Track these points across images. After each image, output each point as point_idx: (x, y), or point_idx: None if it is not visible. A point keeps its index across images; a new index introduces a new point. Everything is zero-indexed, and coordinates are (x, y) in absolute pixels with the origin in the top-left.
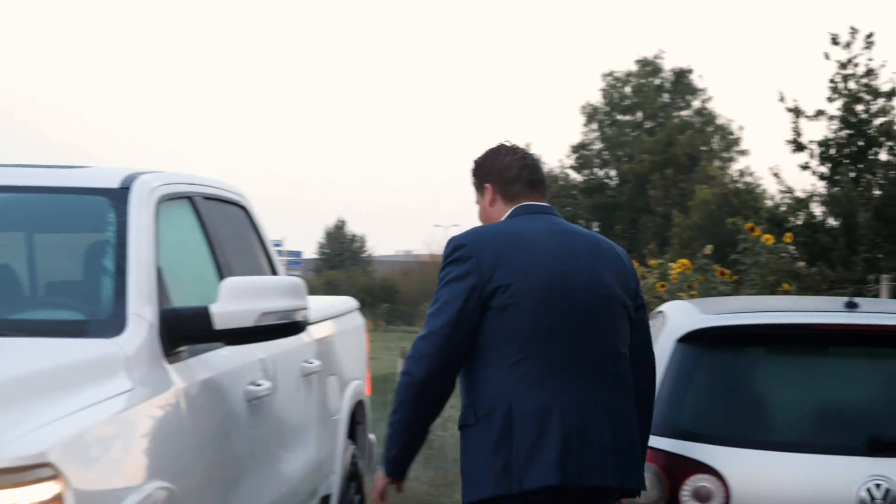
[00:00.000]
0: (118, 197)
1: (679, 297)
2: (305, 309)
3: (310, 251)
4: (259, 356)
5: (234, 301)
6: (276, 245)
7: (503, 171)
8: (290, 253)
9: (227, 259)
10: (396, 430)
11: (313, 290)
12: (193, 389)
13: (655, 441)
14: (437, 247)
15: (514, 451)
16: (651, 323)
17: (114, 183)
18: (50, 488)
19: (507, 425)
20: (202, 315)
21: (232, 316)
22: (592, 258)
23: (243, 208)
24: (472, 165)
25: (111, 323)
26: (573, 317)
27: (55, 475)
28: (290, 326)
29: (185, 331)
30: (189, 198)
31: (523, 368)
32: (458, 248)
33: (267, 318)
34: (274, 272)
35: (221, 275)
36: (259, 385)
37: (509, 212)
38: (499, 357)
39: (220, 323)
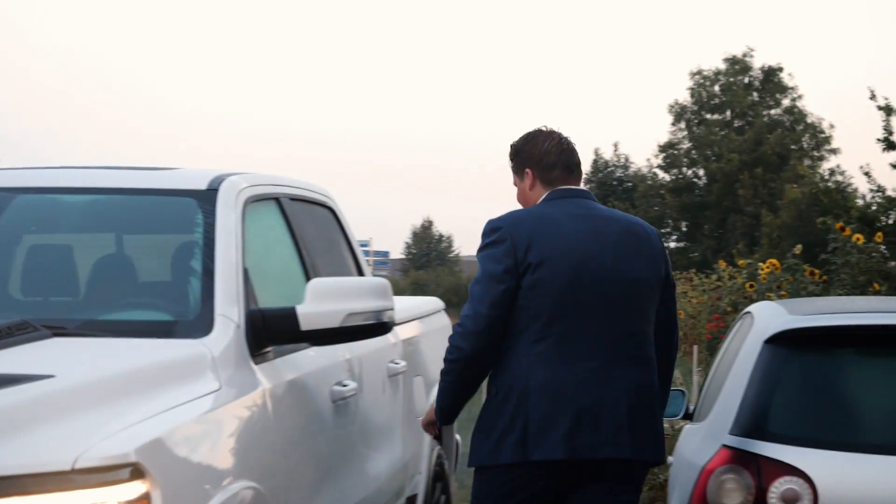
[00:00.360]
0: (206, 198)
1: (768, 298)
2: (391, 310)
3: (397, 251)
4: (345, 357)
5: (321, 302)
6: (364, 245)
7: (542, 156)
8: (378, 253)
9: (314, 260)
10: (445, 390)
11: (400, 291)
12: (279, 390)
13: (742, 443)
14: None
15: (529, 423)
16: (738, 324)
17: (201, 184)
18: (136, 488)
19: (524, 398)
20: (289, 316)
21: (318, 317)
22: (621, 241)
23: (330, 209)
24: (510, 150)
25: (198, 324)
26: (596, 298)
27: (142, 475)
28: (377, 327)
29: (271, 331)
30: (276, 199)
31: (543, 346)
32: (495, 230)
33: (353, 318)
34: (360, 273)
35: (308, 275)
36: (345, 385)
37: (545, 195)
38: (523, 334)
39: (306, 324)
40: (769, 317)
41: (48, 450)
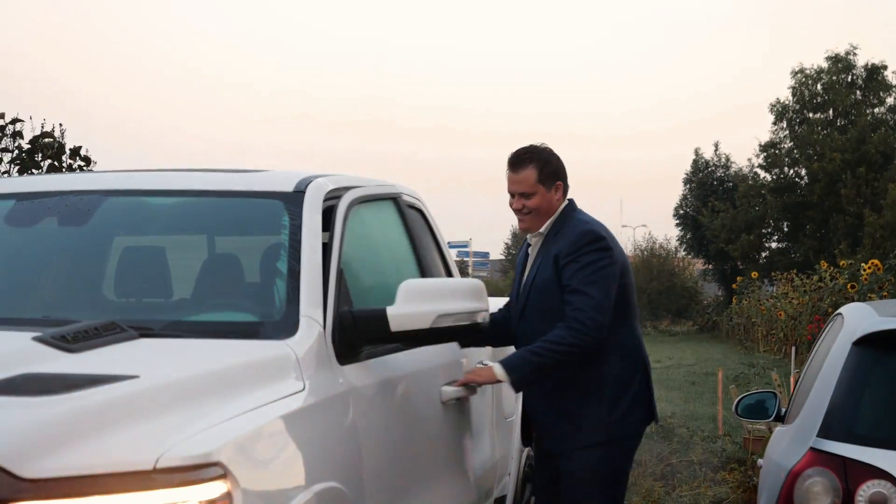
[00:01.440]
0: (293, 200)
1: (870, 299)
2: (485, 311)
3: (497, 252)
4: (437, 358)
5: (412, 303)
6: (464, 246)
7: (565, 169)
8: (477, 254)
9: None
10: (549, 367)
11: (500, 291)
12: (366, 391)
13: (830, 445)
14: (624, 247)
15: (651, 393)
16: (829, 326)
17: (288, 187)
18: (218, 487)
19: (645, 373)
20: (379, 317)
21: (408, 318)
22: None
23: (418, 210)
24: (543, 164)
25: (283, 324)
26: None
27: (224, 474)
28: (469, 329)
29: (362, 332)
30: (370, 200)
31: (637, 331)
32: (602, 238)
33: (444, 320)
34: (449, 274)
35: (404, 275)
36: (435, 387)
37: (565, 204)
38: (626, 322)
39: (396, 325)
40: (858, 318)
41: (131, 449)
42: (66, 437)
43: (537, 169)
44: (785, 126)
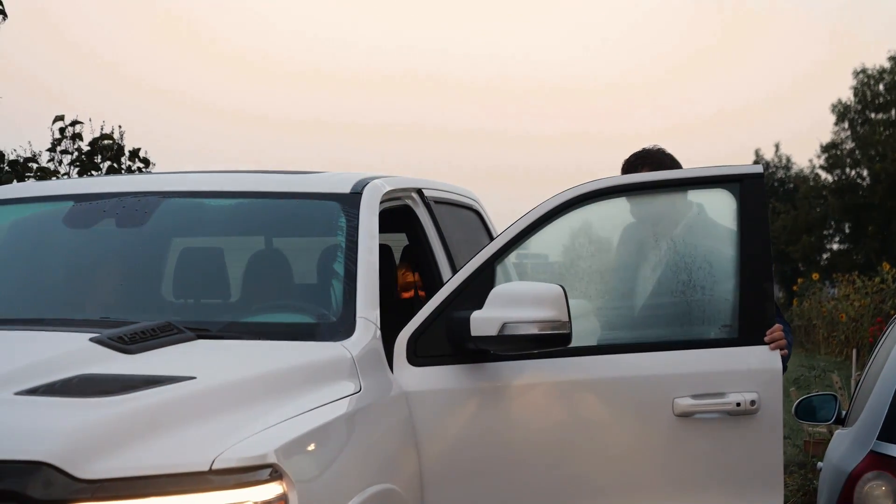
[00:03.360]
0: (350, 202)
1: None
2: (564, 321)
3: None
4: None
5: (494, 308)
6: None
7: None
8: (536, 256)
9: (462, 263)
10: None
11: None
12: (423, 395)
13: (890, 448)
14: None
15: None
16: (890, 328)
17: (345, 188)
18: (273, 489)
19: None
20: (465, 320)
21: (484, 323)
22: None
23: (476, 212)
24: (659, 166)
25: (340, 326)
26: None
27: (279, 476)
28: (547, 338)
29: (450, 335)
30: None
31: None
32: None
33: (513, 328)
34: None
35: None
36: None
37: None
38: None
39: (476, 329)
40: None
41: (187, 450)
42: (122, 438)
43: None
44: (847, 126)
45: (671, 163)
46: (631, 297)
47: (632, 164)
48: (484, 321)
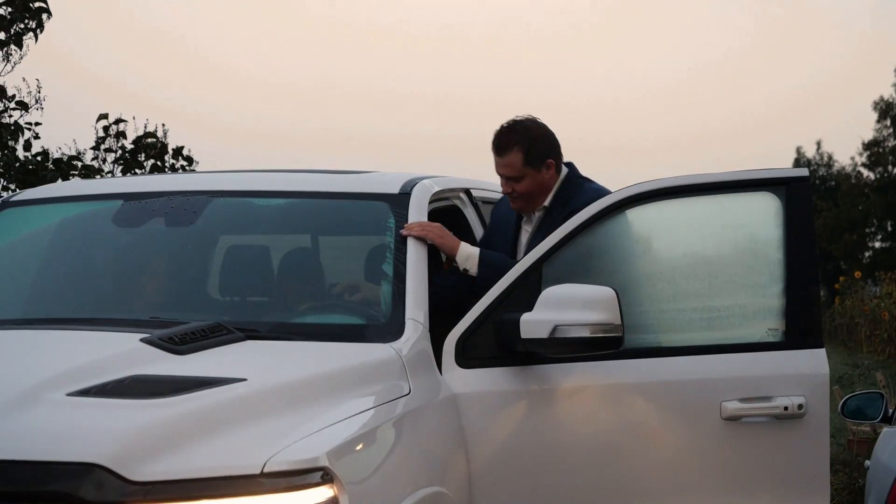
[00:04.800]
0: (398, 202)
1: None
2: (616, 324)
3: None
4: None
5: (544, 310)
6: None
7: (556, 142)
8: None
9: None
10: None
11: None
12: (472, 397)
13: None
14: None
15: None
16: None
17: (394, 188)
18: (324, 492)
19: None
20: (515, 323)
21: (534, 326)
22: None
23: None
24: (529, 145)
25: (389, 327)
26: None
27: (330, 479)
28: (597, 342)
29: (500, 337)
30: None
31: None
32: None
33: (564, 331)
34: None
35: None
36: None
37: (566, 172)
38: None
39: (525, 332)
40: None
41: (238, 453)
42: (174, 440)
43: (523, 152)
44: (889, 124)
45: (545, 139)
46: (678, 300)
47: (501, 142)
48: (534, 324)
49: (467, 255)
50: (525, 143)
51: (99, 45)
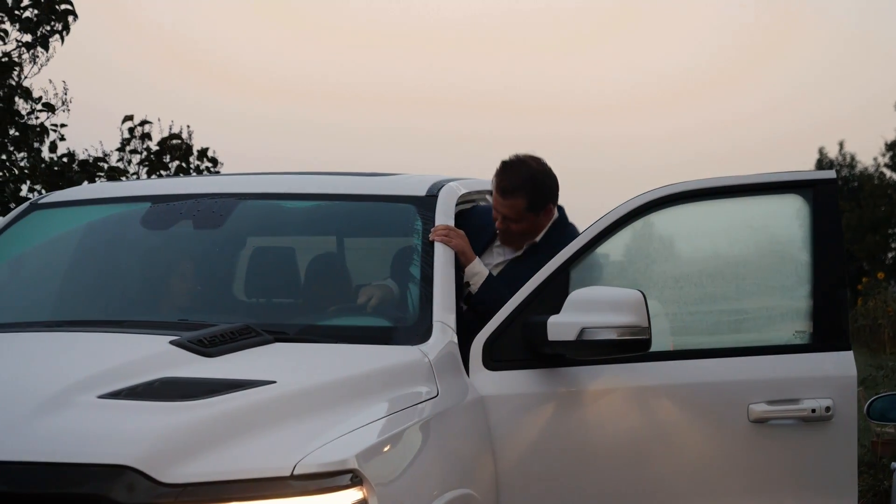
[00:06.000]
0: (425, 205)
1: None
2: (643, 327)
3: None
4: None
5: (572, 312)
6: None
7: (557, 186)
8: None
9: None
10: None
11: None
12: (499, 399)
13: None
14: None
15: None
16: None
17: (421, 191)
18: (354, 494)
19: None
20: (542, 325)
21: (561, 328)
22: None
23: None
24: (534, 194)
25: (417, 330)
26: None
27: (359, 481)
28: (624, 344)
29: (528, 340)
30: None
31: None
32: None
33: (591, 333)
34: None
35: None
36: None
37: (556, 217)
38: None
39: (553, 334)
40: None
41: (268, 456)
42: (205, 442)
43: (526, 199)
44: None
45: (549, 185)
46: (705, 302)
47: (509, 186)
48: (562, 326)
49: (476, 272)
50: (530, 192)
51: (125, 47)
